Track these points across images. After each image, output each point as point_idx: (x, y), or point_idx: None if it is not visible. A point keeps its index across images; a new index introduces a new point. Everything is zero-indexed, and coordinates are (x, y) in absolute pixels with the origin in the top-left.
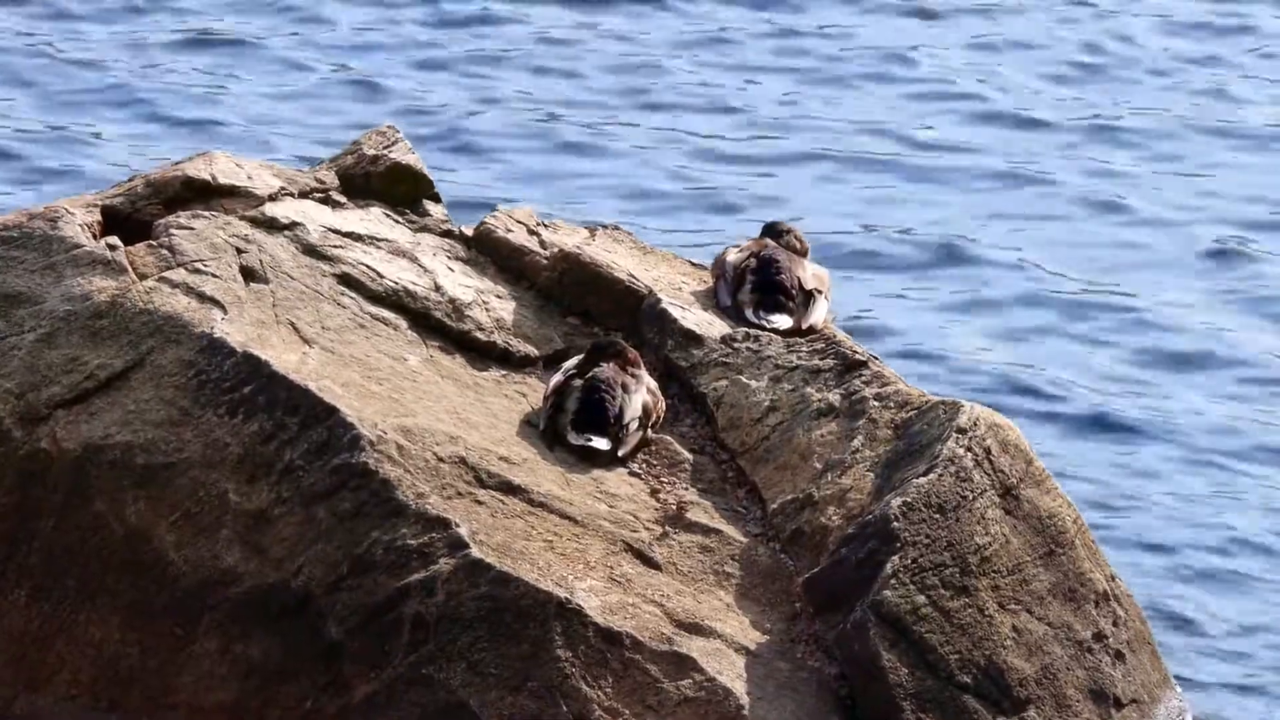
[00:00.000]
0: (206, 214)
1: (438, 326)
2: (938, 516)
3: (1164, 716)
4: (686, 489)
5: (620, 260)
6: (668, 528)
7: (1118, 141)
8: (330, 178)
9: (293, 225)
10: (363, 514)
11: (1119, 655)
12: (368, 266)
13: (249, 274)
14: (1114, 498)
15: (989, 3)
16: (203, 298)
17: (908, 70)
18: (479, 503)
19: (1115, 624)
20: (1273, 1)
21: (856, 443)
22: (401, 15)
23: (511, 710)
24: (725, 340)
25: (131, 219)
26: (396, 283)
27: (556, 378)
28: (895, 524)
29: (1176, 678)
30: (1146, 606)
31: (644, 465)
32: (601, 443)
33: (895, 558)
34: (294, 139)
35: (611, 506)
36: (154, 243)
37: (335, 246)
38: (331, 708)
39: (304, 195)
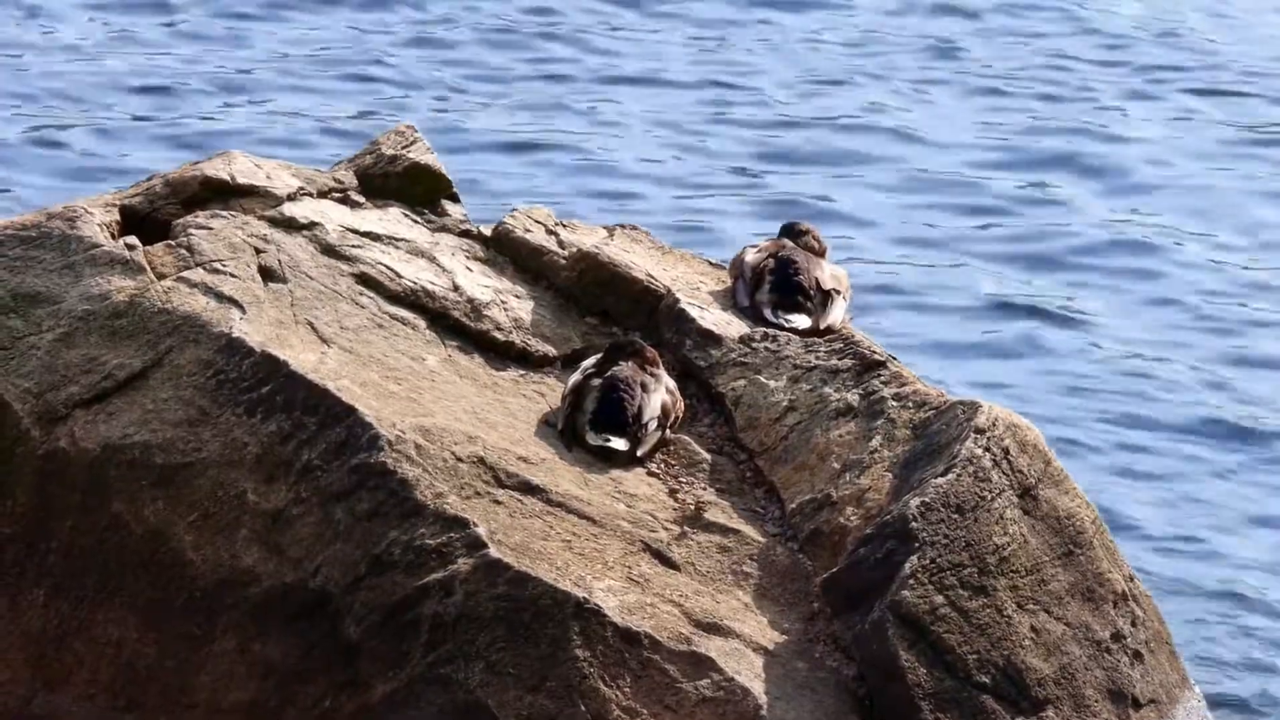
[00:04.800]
0: (225, 214)
1: (456, 326)
2: (956, 516)
3: (1182, 717)
4: (705, 489)
5: (638, 260)
6: (686, 528)
7: None
8: (349, 177)
9: (311, 225)
10: (381, 514)
11: (1137, 655)
12: (386, 266)
13: (267, 274)
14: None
15: None
16: (221, 297)
17: None
18: (497, 502)
19: (1133, 624)
20: None
21: (875, 443)
22: None
23: (529, 710)
24: (743, 340)
25: (150, 219)
26: (415, 282)
27: (575, 377)
28: (914, 524)
29: (1194, 677)
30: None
31: (662, 465)
32: (620, 442)
33: (914, 558)
34: None
35: (630, 506)
36: (172, 242)
37: (354, 246)
38: (349, 707)
39: (322, 195)
